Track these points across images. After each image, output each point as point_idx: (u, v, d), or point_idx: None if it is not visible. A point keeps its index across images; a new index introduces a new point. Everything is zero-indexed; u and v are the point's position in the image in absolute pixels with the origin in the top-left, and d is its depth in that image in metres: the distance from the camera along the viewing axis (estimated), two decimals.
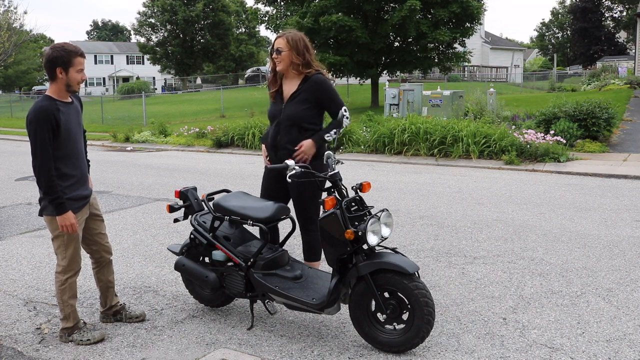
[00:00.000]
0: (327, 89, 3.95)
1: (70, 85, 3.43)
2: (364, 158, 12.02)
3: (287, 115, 3.93)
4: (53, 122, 3.34)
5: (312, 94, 3.91)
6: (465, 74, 44.93)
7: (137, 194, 8.37)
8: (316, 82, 3.92)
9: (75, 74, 3.41)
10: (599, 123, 12.14)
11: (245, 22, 65.48)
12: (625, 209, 6.97)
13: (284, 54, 3.89)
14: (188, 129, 17.02)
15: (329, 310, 3.41)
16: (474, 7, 22.12)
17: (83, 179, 3.61)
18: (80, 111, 3.66)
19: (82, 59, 3.45)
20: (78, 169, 3.55)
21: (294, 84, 3.98)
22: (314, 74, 3.94)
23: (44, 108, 3.35)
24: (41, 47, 63.03)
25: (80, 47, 3.52)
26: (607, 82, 27.19)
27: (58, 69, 3.38)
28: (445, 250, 5.42)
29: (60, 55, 3.37)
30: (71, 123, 3.49)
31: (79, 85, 3.49)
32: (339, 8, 21.87)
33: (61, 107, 3.42)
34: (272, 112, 4.06)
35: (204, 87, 58.10)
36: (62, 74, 3.39)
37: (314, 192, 3.95)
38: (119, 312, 3.91)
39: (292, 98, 3.95)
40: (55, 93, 3.45)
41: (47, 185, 3.37)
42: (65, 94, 3.48)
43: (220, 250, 3.76)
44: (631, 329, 3.67)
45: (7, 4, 59.32)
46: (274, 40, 3.98)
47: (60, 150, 3.43)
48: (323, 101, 3.95)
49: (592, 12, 60.95)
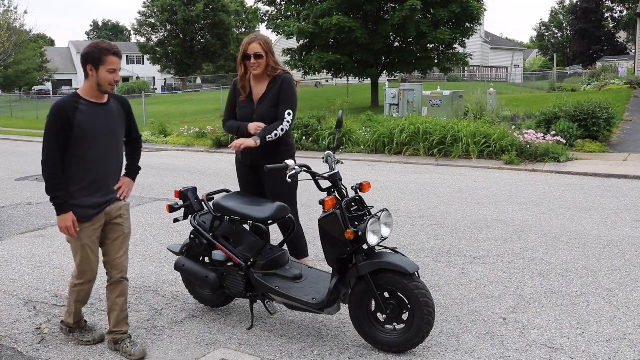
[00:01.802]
0: (292, 89, 4.02)
1: (101, 85, 3.23)
2: (363, 158, 12.02)
3: (260, 115, 4.00)
4: (65, 120, 3.16)
5: (278, 92, 4.00)
6: (465, 74, 44.93)
7: (137, 194, 8.36)
8: (284, 81, 4.01)
9: (105, 74, 3.20)
10: (599, 123, 12.14)
11: (245, 22, 65.46)
12: (625, 209, 6.97)
13: (262, 59, 3.94)
14: (188, 129, 17.02)
15: (329, 310, 3.41)
16: (474, 7, 22.13)
17: (99, 184, 3.35)
18: (119, 115, 3.42)
19: (116, 59, 3.22)
20: (93, 174, 3.32)
21: (263, 85, 4.05)
22: (283, 74, 4.04)
23: (59, 105, 3.20)
24: (41, 47, 62.99)
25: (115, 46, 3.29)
26: (607, 82, 27.18)
27: (89, 66, 3.21)
28: (445, 250, 5.42)
29: (91, 51, 3.19)
30: (96, 125, 3.27)
31: (111, 87, 3.27)
32: (339, 9, 21.88)
33: (84, 107, 3.23)
34: (243, 114, 4.08)
35: (204, 87, 58.09)
36: (92, 72, 3.21)
37: (289, 192, 4.03)
38: (118, 342, 3.47)
39: (263, 99, 4.03)
40: (85, 91, 3.28)
41: (47, 182, 3.24)
42: (97, 94, 3.28)
43: (220, 250, 3.76)
44: (631, 329, 3.67)
45: (7, 4, 59.23)
46: (247, 46, 3.94)
47: (74, 151, 3.24)
48: (281, 97, 3.98)
49: (593, 12, 60.94)
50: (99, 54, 3.19)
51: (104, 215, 3.39)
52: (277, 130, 3.89)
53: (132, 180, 3.64)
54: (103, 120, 3.31)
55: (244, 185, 4.26)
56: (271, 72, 4.01)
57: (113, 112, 3.38)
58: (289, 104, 3.98)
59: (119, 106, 3.45)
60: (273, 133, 3.88)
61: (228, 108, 4.25)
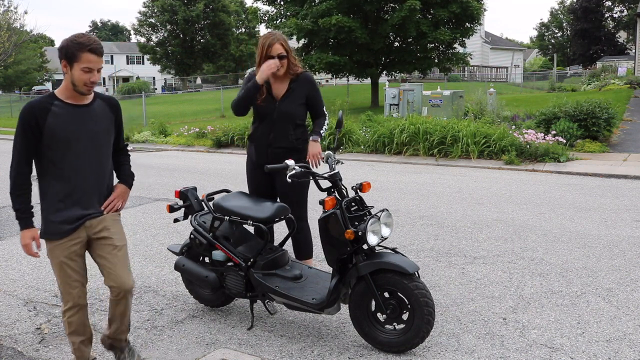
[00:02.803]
0: (317, 88, 4.17)
1: (75, 84, 2.80)
2: (364, 158, 12.02)
3: (283, 112, 4.01)
4: (32, 123, 2.77)
5: (304, 91, 4.06)
6: (465, 74, 44.94)
7: (137, 194, 8.36)
8: (308, 80, 4.09)
9: (80, 72, 2.76)
10: (599, 123, 12.14)
11: (245, 22, 65.48)
12: (625, 209, 6.97)
13: (286, 60, 3.97)
14: (188, 129, 17.02)
15: (329, 310, 3.41)
16: (473, 7, 22.14)
17: (77, 195, 2.91)
18: (104, 117, 2.98)
19: (93, 56, 2.76)
20: (70, 184, 2.88)
21: (284, 83, 4.06)
22: (302, 72, 4.09)
23: (29, 105, 2.82)
24: (41, 47, 63.03)
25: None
26: (607, 82, 27.19)
27: (63, 62, 2.79)
28: (445, 250, 5.42)
29: (66, 45, 2.76)
30: (72, 129, 2.84)
31: (86, 88, 2.82)
32: (339, 9, 21.87)
33: (57, 109, 2.81)
34: (263, 110, 4.07)
35: (204, 87, 58.12)
36: (66, 69, 2.79)
37: (300, 191, 4.05)
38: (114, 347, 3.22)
39: (285, 97, 4.03)
40: (61, 91, 2.88)
41: (11, 193, 2.86)
42: (74, 94, 2.85)
43: (220, 250, 3.76)
44: (631, 329, 3.67)
45: (7, 4, 59.30)
46: (269, 48, 3.92)
47: (47, 158, 2.85)
48: (313, 99, 4.11)
49: (593, 12, 60.95)
50: (74, 49, 2.74)
51: (84, 229, 2.95)
52: (324, 125, 4.10)
53: (128, 188, 3.23)
54: (81, 124, 2.87)
55: (255, 186, 4.21)
56: (293, 69, 4.03)
57: (96, 115, 2.94)
58: (322, 103, 4.18)
59: (106, 108, 3.01)
60: (323, 127, 4.08)
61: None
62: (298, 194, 4.08)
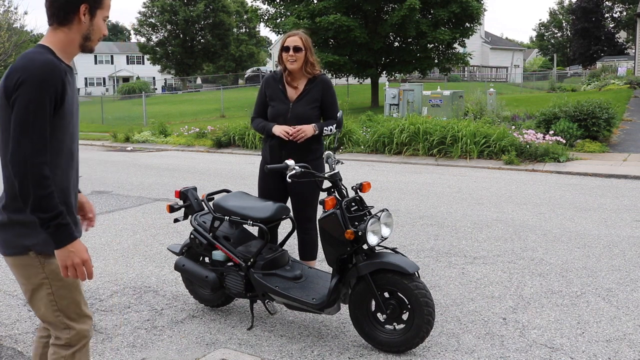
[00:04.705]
0: (334, 92, 4.09)
1: (90, 37, 2.17)
2: (364, 158, 12.02)
3: (297, 114, 3.96)
4: (59, 89, 2.03)
5: (320, 93, 4.00)
6: (465, 74, 44.93)
7: (137, 194, 8.37)
8: (325, 83, 4.03)
9: (101, 23, 2.18)
10: (599, 123, 12.14)
11: (245, 22, 65.52)
12: (625, 209, 6.97)
13: (301, 53, 3.90)
14: (188, 129, 17.03)
15: (329, 310, 3.41)
16: (473, 7, 22.15)
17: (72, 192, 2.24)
18: None
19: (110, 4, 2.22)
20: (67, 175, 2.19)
21: (301, 83, 4.01)
22: (320, 74, 4.03)
23: (50, 62, 2.02)
24: None
25: None
26: (607, 82, 27.19)
27: (83, 7, 2.10)
28: (445, 250, 5.42)
29: None
30: (75, 102, 2.19)
31: (98, 42, 2.25)
32: (338, 8, 21.88)
33: (69, 73, 2.13)
34: (276, 110, 4.02)
35: (204, 87, 58.08)
36: (85, 17, 2.12)
37: (312, 191, 3.99)
38: None
39: (300, 98, 3.99)
40: (59, 46, 2.12)
41: (36, 189, 1.96)
42: (72, 52, 2.17)
43: (220, 250, 3.76)
44: (631, 329, 3.67)
45: (7, 4, 59.27)
46: (286, 38, 3.92)
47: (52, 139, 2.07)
48: (327, 102, 4.04)
49: (593, 12, 60.94)
50: None
51: None
52: (332, 126, 4.00)
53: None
54: (76, 96, 2.23)
55: (266, 188, 4.15)
56: (310, 69, 3.96)
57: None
58: (336, 108, 4.09)
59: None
60: (329, 128, 3.98)
61: (257, 106, 4.17)
62: (312, 194, 4.02)
